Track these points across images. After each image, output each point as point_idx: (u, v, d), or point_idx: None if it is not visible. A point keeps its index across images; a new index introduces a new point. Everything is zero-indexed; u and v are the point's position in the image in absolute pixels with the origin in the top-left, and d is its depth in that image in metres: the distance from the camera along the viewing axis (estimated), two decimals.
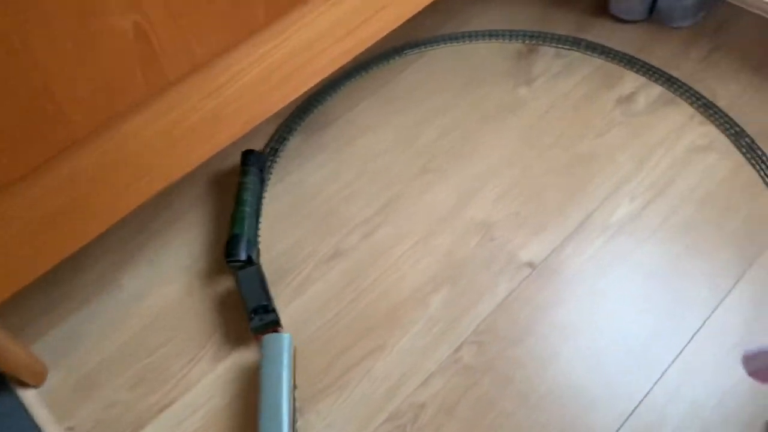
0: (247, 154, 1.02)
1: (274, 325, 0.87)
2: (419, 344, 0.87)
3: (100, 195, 0.69)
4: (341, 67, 0.89)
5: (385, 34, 0.91)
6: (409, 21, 0.93)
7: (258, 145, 1.08)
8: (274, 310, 0.87)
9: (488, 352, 0.86)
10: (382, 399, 0.84)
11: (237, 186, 0.99)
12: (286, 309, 0.92)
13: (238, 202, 0.97)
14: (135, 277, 0.96)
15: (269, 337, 0.85)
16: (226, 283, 0.95)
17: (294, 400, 0.83)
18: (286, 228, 0.99)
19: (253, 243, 0.95)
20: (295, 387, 0.84)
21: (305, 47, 0.80)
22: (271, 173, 1.05)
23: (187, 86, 0.69)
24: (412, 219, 0.99)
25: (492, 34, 1.21)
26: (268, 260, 0.96)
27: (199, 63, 0.68)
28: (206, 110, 0.74)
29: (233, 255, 0.91)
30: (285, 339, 0.84)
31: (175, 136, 0.72)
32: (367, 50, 0.90)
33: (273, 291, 0.93)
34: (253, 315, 0.86)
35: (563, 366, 0.84)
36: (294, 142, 1.09)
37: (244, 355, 0.88)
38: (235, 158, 1.04)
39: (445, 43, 1.21)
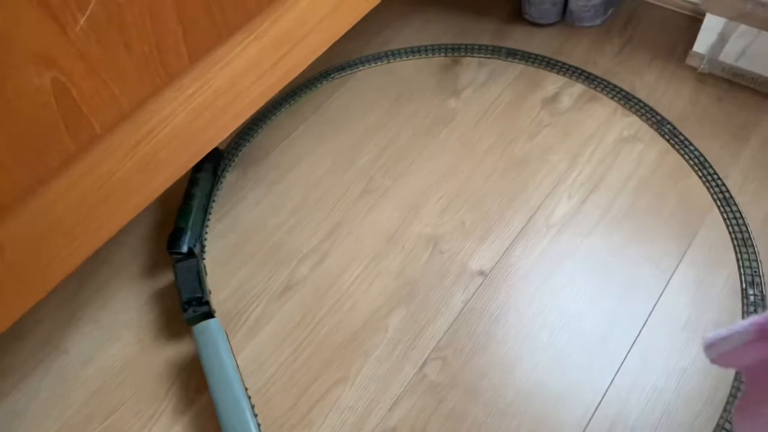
0: None
1: (208, 317, 0.88)
2: (382, 369, 0.86)
3: (33, 262, 0.66)
4: (270, 99, 0.88)
5: (310, 62, 0.91)
6: (332, 46, 0.93)
7: None
8: (207, 303, 0.88)
9: (452, 366, 0.86)
10: (351, 431, 0.82)
11: (188, 181, 1.00)
12: (241, 353, 0.89)
13: (187, 196, 0.98)
14: (79, 340, 0.92)
15: (198, 328, 0.86)
16: (180, 332, 0.91)
17: (241, 377, 0.84)
18: (233, 268, 0.97)
19: (197, 237, 0.96)
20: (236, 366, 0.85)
21: (232, 83, 0.79)
22: (210, 213, 1.03)
23: (116, 136, 0.67)
24: (360, 242, 0.98)
25: (415, 51, 1.22)
26: (217, 303, 0.94)
27: (126, 112, 0.66)
28: (138, 158, 0.71)
29: (175, 247, 0.92)
30: (212, 324, 0.86)
31: (108, 189, 0.69)
32: (294, 78, 0.89)
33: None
34: (186, 306, 0.87)
35: (526, 368, 0.85)
36: (230, 179, 1.07)
37: (208, 404, 0.85)
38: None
39: (371, 64, 1.21)
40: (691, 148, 1.05)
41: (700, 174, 1.02)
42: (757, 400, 0.37)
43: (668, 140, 1.07)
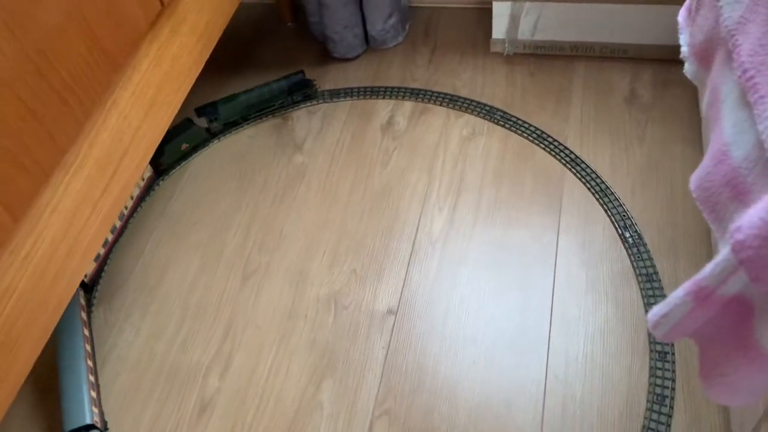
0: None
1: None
2: None
3: None
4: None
5: (142, 170, 0.85)
6: None
7: None
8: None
9: (399, 415, 0.83)
10: None
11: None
12: None
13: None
14: None
15: None
16: None
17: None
18: (137, 410, 0.88)
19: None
20: None
21: (69, 224, 0.71)
22: (93, 356, 0.93)
23: None
24: (261, 330, 0.93)
25: (237, 122, 1.19)
26: None
27: None
28: None
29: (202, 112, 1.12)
30: None
31: None
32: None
33: None
34: None
35: (467, 387, 0.85)
36: (98, 318, 0.97)
37: None
38: None
39: (201, 148, 1.16)
40: (527, 125, 1.11)
41: (543, 146, 1.08)
42: (716, 362, 0.38)
43: (504, 126, 1.12)
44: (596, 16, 1.12)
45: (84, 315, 0.92)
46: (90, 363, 0.87)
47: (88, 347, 0.89)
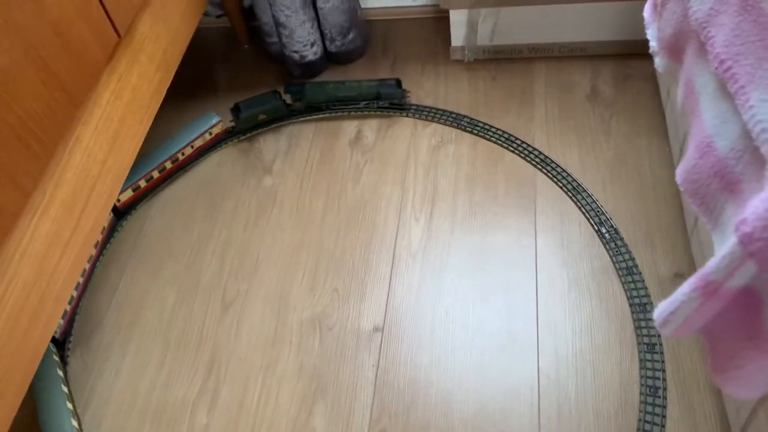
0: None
1: None
2: None
3: None
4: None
5: (111, 205, 0.82)
6: None
7: None
8: None
9: None
10: None
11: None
12: None
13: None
14: None
15: None
16: None
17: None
18: None
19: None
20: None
21: (39, 269, 0.69)
22: (74, 405, 0.89)
23: None
24: (245, 360, 0.91)
25: (209, 147, 1.17)
26: None
27: None
28: None
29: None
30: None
31: None
32: None
33: None
34: None
35: (461, 398, 0.84)
36: (75, 362, 0.94)
37: None
38: None
39: (165, 181, 1.14)
40: (494, 130, 1.11)
41: (512, 149, 1.08)
42: (729, 355, 0.38)
43: (471, 132, 1.12)
44: (552, 17, 1.14)
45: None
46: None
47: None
